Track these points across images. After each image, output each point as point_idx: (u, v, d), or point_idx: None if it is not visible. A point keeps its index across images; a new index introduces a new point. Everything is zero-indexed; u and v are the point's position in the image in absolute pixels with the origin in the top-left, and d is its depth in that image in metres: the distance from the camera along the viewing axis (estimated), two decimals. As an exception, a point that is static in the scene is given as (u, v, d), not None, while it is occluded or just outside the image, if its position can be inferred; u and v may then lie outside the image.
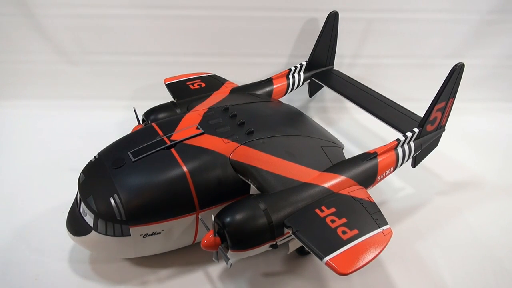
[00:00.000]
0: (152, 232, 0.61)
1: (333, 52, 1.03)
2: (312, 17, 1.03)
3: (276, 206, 0.59)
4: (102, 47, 1.06)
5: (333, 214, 0.58)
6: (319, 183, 0.63)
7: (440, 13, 1.03)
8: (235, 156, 0.66)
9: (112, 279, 0.67)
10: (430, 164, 0.94)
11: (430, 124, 0.78)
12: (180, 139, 0.68)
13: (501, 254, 0.75)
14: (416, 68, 1.12)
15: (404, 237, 0.77)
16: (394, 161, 0.74)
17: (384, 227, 0.57)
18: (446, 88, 0.74)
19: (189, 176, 0.62)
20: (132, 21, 1.02)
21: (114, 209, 0.58)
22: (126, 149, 0.66)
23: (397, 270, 0.71)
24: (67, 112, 1.09)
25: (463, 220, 0.82)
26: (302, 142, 0.75)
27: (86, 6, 0.99)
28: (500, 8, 1.03)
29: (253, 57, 1.09)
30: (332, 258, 0.51)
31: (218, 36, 1.05)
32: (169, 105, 0.82)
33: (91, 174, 0.64)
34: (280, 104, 0.91)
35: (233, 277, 0.68)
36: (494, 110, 1.18)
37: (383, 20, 1.04)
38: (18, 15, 1.00)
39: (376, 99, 0.91)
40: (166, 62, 1.08)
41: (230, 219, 0.56)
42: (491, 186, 0.92)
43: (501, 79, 1.16)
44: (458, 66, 0.72)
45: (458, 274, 0.71)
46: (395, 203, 0.86)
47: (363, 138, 1.07)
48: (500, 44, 1.10)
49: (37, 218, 0.78)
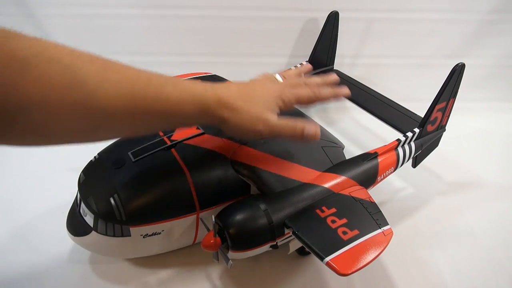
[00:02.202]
0: (152, 233, 0.61)
1: (334, 52, 1.03)
2: (312, 17, 1.03)
3: (276, 206, 0.58)
4: (102, 47, 1.06)
5: (334, 215, 0.58)
6: (319, 183, 0.63)
7: (440, 13, 1.03)
8: (236, 156, 0.66)
9: (112, 279, 0.67)
10: (431, 164, 0.94)
11: (430, 124, 0.78)
12: (181, 139, 0.67)
13: (501, 254, 0.75)
14: (416, 68, 1.12)
15: (404, 237, 0.77)
16: (394, 161, 0.74)
17: (385, 228, 0.57)
18: (446, 88, 0.74)
19: (190, 176, 0.62)
20: (133, 21, 1.02)
21: (114, 209, 0.58)
22: (126, 149, 0.65)
23: (397, 270, 0.71)
24: (67, 112, 1.09)
25: (463, 220, 0.82)
26: (302, 142, 0.75)
27: (86, 6, 0.99)
28: (500, 8, 1.03)
29: (253, 57, 1.09)
30: (333, 259, 0.51)
31: (218, 36, 1.05)
32: (169, 105, 0.82)
33: (91, 174, 0.64)
34: (280, 104, 0.91)
35: (233, 277, 0.68)
36: (494, 110, 1.18)
37: (383, 20, 1.04)
38: (18, 15, 0.99)
39: (376, 99, 0.91)
40: (166, 62, 1.08)
41: (230, 220, 0.56)
42: (491, 186, 0.92)
43: (501, 79, 1.16)
44: (458, 66, 0.72)
45: (458, 274, 0.71)
46: (395, 203, 0.86)
47: (363, 138, 1.06)
48: (500, 44, 1.10)
49: (37, 218, 0.78)
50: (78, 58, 0.41)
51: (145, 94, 0.45)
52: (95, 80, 0.41)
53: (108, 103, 0.42)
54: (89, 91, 0.40)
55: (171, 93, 0.47)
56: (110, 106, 0.42)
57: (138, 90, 0.44)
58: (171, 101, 0.47)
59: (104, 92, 0.41)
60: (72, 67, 0.40)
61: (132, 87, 0.44)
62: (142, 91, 0.44)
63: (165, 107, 0.47)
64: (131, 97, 0.43)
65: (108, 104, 0.42)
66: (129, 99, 0.43)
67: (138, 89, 0.44)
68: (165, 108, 0.47)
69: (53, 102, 0.38)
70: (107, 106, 0.42)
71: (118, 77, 0.43)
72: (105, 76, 0.42)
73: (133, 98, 0.44)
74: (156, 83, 0.46)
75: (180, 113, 0.48)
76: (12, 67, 0.36)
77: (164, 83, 0.47)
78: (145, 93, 0.45)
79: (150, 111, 0.46)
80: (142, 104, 0.45)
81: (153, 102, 0.45)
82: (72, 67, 0.40)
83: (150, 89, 0.45)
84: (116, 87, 0.42)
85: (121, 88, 0.43)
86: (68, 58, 0.40)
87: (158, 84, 0.46)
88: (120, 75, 0.43)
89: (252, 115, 0.52)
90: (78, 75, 0.40)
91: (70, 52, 0.41)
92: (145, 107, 0.45)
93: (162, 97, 0.46)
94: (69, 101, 0.39)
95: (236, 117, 0.51)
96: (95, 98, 0.41)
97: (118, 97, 0.42)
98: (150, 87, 0.45)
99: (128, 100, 0.43)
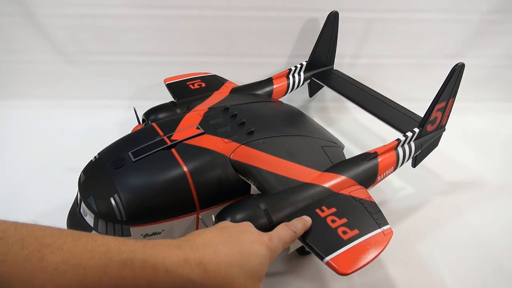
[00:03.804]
0: (153, 232, 0.61)
1: (333, 52, 1.03)
2: (312, 17, 1.03)
3: (276, 206, 0.59)
4: (102, 47, 1.06)
5: (334, 214, 0.58)
6: (319, 183, 0.63)
7: (440, 13, 1.03)
8: (236, 156, 0.66)
9: (113, 279, 0.67)
10: (431, 164, 0.94)
11: (430, 124, 0.78)
12: (181, 139, 0.67)
13: (501, 254, 0.75)
14: (416, 68, 1.13)
15: (404, 237, 0.77)
16: (394, 161, 0.74)
17: (385, 227, 0.57)
18: (446, 88, 0.74)
19: (190, 176, 0.62)
20: (132, 21, 1.02)
21: (114, 209, 0.58)
22: (127, 149, 0.65)
23: (397, 270, 0.71)
24: (67, 112, 1.09)
25: (463, 219, 0.82)
26: (302, 142, 0.75)
27: (86, 6, 0.99)
28: (500, 8, 1.03)
29: (253, 57, 1.09)
30: (333, 258, 0.51)
31: (218, 36, 1.05)
32: (169, 105, 0.82)
33: (92, 174, 0.64)
34: (281, 104, 0.91)
35: (233, 277, 0.68)
36: (494, 110, 1.18)
37: (383, 20, 1.04)
38: (18, 15, 0.99)
39: (376, 99, 0.91)
40: (166, 62, 1.08)
41: (230, 219, 0.56)
42: (491, 186, 0.92)
43: (501, 79, 1.16)
44: (458, 66, 0.72)
45: (458, 274, 0.71)
46: (395, 203, 0.86)
47: (363, 138, 1.07)
48: (500, 44, 1.10)
49: (38, 218, 0.77)
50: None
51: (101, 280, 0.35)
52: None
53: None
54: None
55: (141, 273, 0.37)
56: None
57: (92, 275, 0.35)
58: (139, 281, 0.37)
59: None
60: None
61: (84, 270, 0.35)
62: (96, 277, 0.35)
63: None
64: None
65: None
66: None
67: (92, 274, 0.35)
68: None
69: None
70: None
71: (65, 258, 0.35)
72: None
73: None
74: (115, 262, 0.36)
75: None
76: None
77: (125, 260, 0.37)
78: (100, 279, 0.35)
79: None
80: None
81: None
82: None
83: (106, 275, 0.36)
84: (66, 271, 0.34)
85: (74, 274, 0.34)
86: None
87: (117, 264, 0.36)
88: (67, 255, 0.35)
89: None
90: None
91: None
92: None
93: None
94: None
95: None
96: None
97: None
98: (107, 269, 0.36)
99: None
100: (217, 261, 0.41)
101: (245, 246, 0.44)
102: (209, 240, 0.43)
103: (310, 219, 0.56)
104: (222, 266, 0.41)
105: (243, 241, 0.45)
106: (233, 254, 0.43)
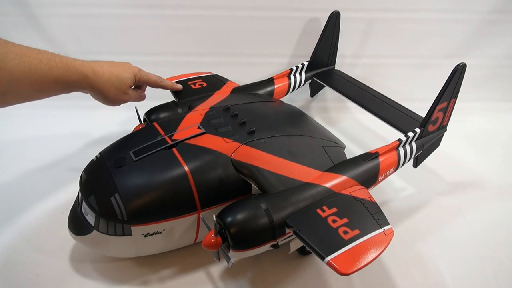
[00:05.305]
0: (154, 232, 0.61)
1: (335, 52, 1.03)
2: (314, 17, 1.03)
3: (277, 206, 0.59)
4: (102, 47, 1.06)
5: (335, 214, 0.58)
6: (320, 183, 0.63)
7: (441, 13, 1.04)
8: (237, 155, 0.66)
9: (113, 278, 0.67)
10: (432, 164, 0.94)
11: (431, 124, 0.78)
12: (182, 139, 0.68)
13: (501, 254, 0.75)
14: (417, 68, 1.13)
15: (405, 237, 0.77)
16: (395, 161, 0.74)
17: (386, 227, 0.57)
18: (448, 88, 0.74)
19: (191, 176, 0.62)
20: (133, 21, 1.02)
21: (115, 208, 0.58)
22: (128, 148, 0.66)
23: (398, 270, 0.71)
24: (68, 112, 1.09)
25: (463, 220, 0.82)
26: (303, 142, 0.75)
27: (86, 6, 0.99)
28: (500, 8, 1.03)
29: (254, 57, 1.09)
30: (334, 258, 0.51)
31: (220, 36, 1.05)
32: (170, 105, 0.82)
33: (93, 173, 0.64)
34: (282, 104, 0.91)
35: (234, 276, 0.68)
36: (494, 110, 1.18)
37: (384, 20, 1.04)
38: (18, 15, 1.00)
39: (377, 99, 0.91)
40: (166, 62, 1.08)
41: (231, 219, 0.56)
42: (492, 186, 0.92)
43: (501, 79, 1.16)
44: (460, 66, 0.72)
45: (459, 274, 0.71)
46: (396, 203, 0.86)
47: (364, 138, 1.07)
48: (500, 44, 1.10)
49: (38, 217, 0.78)
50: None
51: (41, 63, 0.59)
52: (2, 51, 0.55)
53: (12, 70, 0.55)
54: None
55: (58, 64, 0.62)
56: (14, 72, 0.55)
57: (36, 62, 0.59)
58: (60, 70, 0.62)
59: (9, 60, 0.55)
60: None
61: (30, 60, 0.58)
62: (38, 62, 0.59)
63: (55, 76, 0.61)
64: (31, 67, 0.58)
65: (12, 71, 0.55)
66: (29, 68, 0.57)
67: (36, 61, 0.59)
68: (55, 76, 0.61)
69: None
70: (12, 72, 0.55)
71: (18, 50, 0.57)
72: (7, 49, 0.56)
73: (33, 68, 0.58)
74: (47, 56, 0.61)
75: (66, 80, 0.63)
76: None
77: (52, 56, 0.62)
78: (40, 62, 0.59)
79: (45, 79, 0.60)
80: (38, 71, 0.59)
81: (48, 71, 0.60)
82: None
83: (44, 59, 0.60)
84: (18, 57, 0.56)
85: (22, 58, 0.57)
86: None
87: (48, 57, 0.61)
88: (18, 49, 0.57)
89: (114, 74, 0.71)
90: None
91: None
92: (40, 74, 0.59)
93: (53, 65, 0.61)
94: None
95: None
96: (3, 64, 0.54)
97: (21, 65, 0.56)
98: (44, 57, 0.60)
99: (29, 69, 0.57)
100: (102, 70, 0.69)
101: (121, 68, 0.73)
102: (101, 63, 0.70)
103: (181, 86, 0.87)
104: (105, 73, 0.69)
105: (121, 66, 0.74)
106: (113, 70, 0.71)
